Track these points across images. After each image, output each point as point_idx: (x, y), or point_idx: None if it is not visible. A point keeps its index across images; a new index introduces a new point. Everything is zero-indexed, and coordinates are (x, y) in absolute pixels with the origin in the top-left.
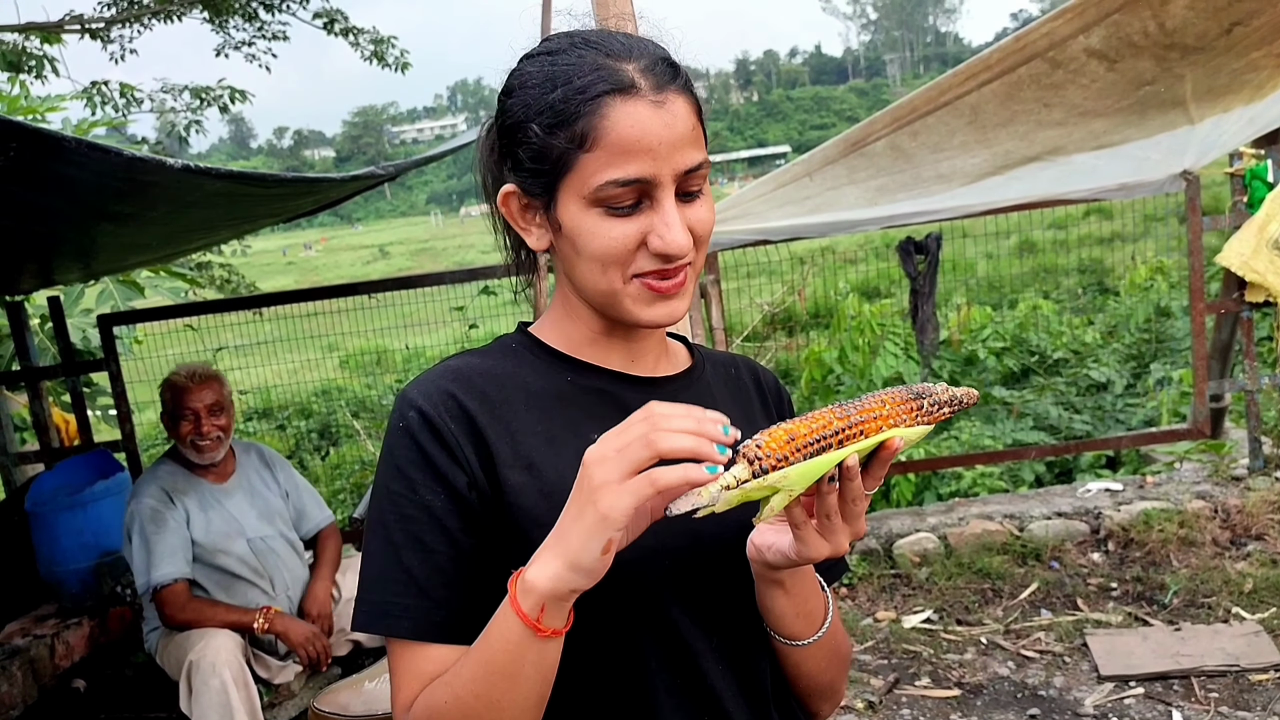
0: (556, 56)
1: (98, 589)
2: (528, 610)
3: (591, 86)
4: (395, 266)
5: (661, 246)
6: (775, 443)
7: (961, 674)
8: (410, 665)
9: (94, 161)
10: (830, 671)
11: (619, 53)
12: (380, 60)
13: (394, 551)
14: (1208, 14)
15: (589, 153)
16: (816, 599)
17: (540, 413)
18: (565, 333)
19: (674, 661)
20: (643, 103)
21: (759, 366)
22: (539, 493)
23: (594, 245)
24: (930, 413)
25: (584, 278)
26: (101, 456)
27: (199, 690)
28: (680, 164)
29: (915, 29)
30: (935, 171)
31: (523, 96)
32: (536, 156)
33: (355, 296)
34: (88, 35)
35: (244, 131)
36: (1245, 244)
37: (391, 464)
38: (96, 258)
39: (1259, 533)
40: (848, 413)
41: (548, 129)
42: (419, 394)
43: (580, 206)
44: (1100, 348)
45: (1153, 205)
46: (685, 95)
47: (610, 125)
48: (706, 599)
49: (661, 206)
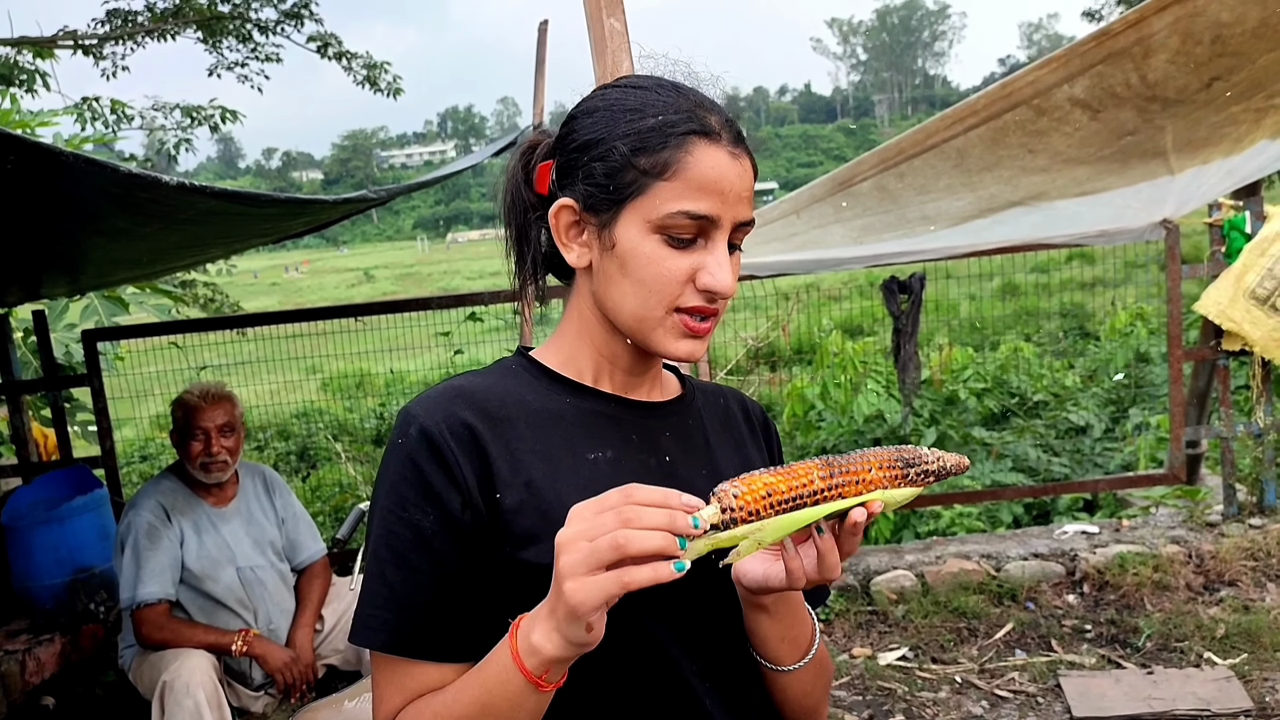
0: (645, 91)
1: (71, 606)
2: (531, 669)
3: (682, 123)
4: (380, 290)
5: (711, 283)
6: (752, 495)
7: (935, 712)
8: (392, 678)
9: (91, 176)
10: (815, 695)
11: (705, 103)
12: (373, 85)
13: (380, 566)
14: (1189, 68)
15: (667, 182)
16: (803, 625)
17: (539, 432)
18: (567, 356)
19: (663, 684)
20: (723, 150)
21: (746, 398)
22: (536, 511)
23: (647, 270)
24: (915, 481)
25: (622, 299)
26: (80, 473)
27: (171, 711)
28: (740, 214)
29: (904, 71)
30: (920, 212)
31: (608, 117)
32: (612, 173)
33: (339, 319)
34: (80, 51)
35: (232, 151)
36: (1223, 293)
37: (387, 481)
38: (85, 272)
39: (1232, 579)
40: (832, 473)
41: (633, 150)
42: (421, 410)
43: (642, 230)
44: (1080, 391)
45: (1134, 252)
46: (750, 157)
47: (693, 161)
48: (694, 622)
49: (716, 247)
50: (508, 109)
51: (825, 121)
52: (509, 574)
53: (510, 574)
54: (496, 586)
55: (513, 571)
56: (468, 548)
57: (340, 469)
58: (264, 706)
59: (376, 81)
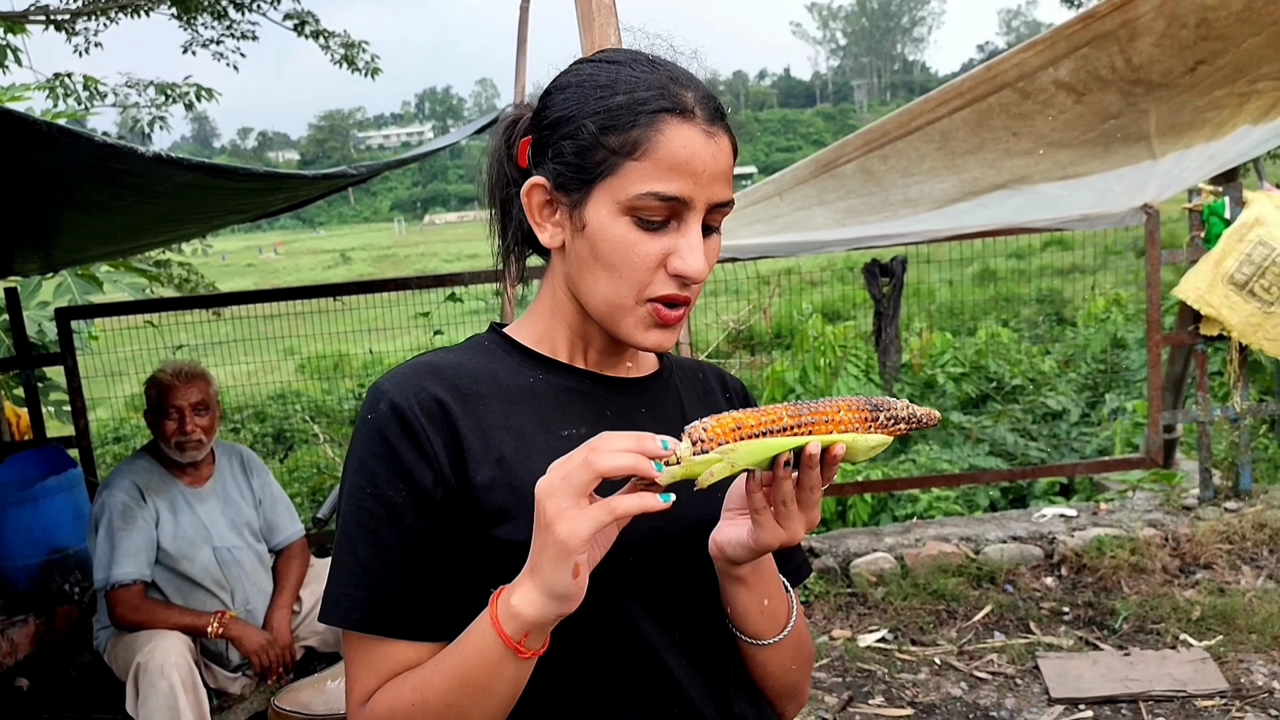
0: (619, 67)
1: (45, 586)
2: (511, 634)
3: (653, 100)
4: (357, 272)
5: (682, 268)
6: (721, 427)
7: (915, 694)
8: (366, 657)
9: (65, 146)
10: (795, 672)
11: (680, 79)
12: (351, 64)
13: (350, 543)
14: (1173, 52)
15: (636, 161)
16: (780, 598)
17: (511, 408)
18: (542, 333)
19: (634, 656)
20: (697, 129)
21: (726, 373)
22: (508, 487)
23: (617, 254)
24: (885, 425)
25: (593, 284)
26: (54, 452)
27: (146, 693)
28: (715, 195)
29: (883, 56)
30: (904, 195)
31: (578, 94)
32: (581, 152)
33: (316, 300)
34: (53, 26)
35: (207, 130)
36: (1201, 278)
37: (356, 456)
38: (58, 248)
39: (1207, 561)
40: (799, 411)
41: (602, 129)
42: (391, 386)
43: (612, 211)
44: (1057, 376)
45: (1111, 238)
46: (729, 135)
47: (664, 140)
48: (668, 594)
49: (689, 230)
50: (486, 90)
51: (804, 106)
52: (482, 551)
53: (483, 551)
54: (470, 564)
55: (486, 549)
56: (440, 523)
57: (317, 450)
58: (241, 688)
59: (354, 61)
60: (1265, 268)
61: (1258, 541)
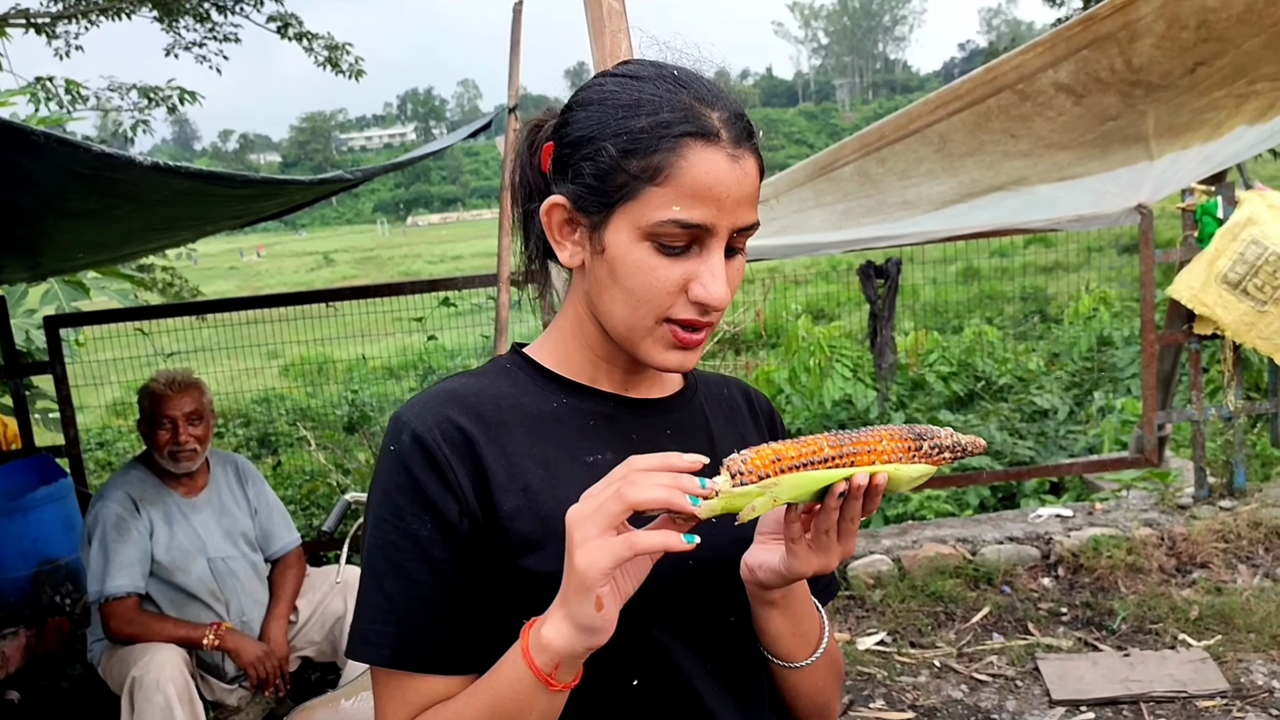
0: (643, 84)
1: (36, 598)
2: (542, 666)
3: (677, 124)
4: (340, 274)
5: (704, 296)
6: (761, 460)
7: (915, 697)
8: (396, 693)
9: (60, 155)
10: (826, 693)
11: (706, 99)
12: (335, 67)
13: (377, 579)
14: (1173, 53)
15: (658, 187)
16: (812, 620)
17: (535, 435)
18: (564, 354)
19: (666, 685)
20: (721, 153)
21: (751, 388)
22: (535, 517)
23: (636, 279)
24: (929, 455)
25: (611, 307)
26: (43, 462)
27: (141, 708)
28: (739, 220)
29: (865, 55)
30: (901, 197)
31: (600, 113)
32: (601, 175)
33: (304, 305)
34: (33, 30)
35: (188, 133)
36: (1195, 277)
37: (380, 489)
38: (47, 256)
39: (1204, 561)
40: (840, 441)
41: (623, 152)
42: (413, 416)
43: (632, 236)
44: (1044, 375)
45: (1093, 237)
46: (756, 156)
47: (687, 166)
48: (701, 622)
49: (711, 257)
50: (468, 92)
51: (787, 105)
52: (510, 583)
53: (511, 583)
54: (498, 595)
55: (513, 580)
56: (467, 555)
57: (304, 455)
58: (238, 700)
59: (338, 63)
60: (1258, 267)
61: (1253, 540)
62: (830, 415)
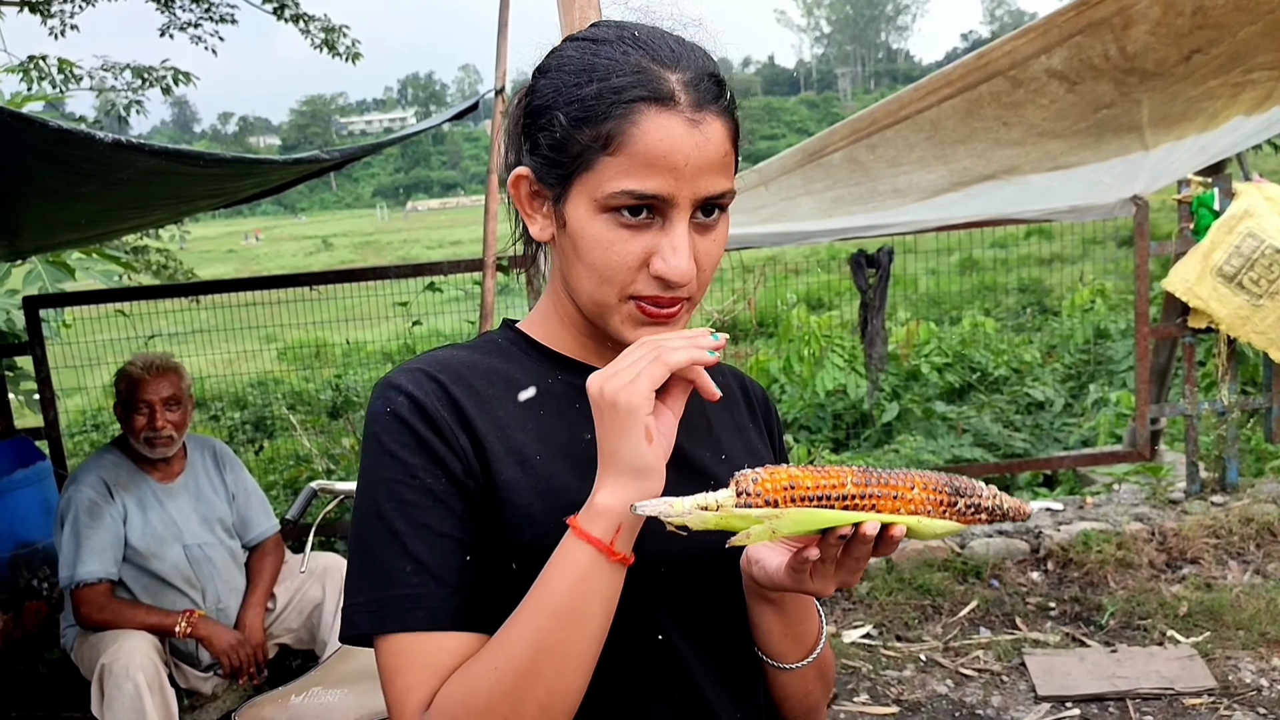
0: (600, 47)
1: (13, 581)
2: (601, 534)
3: (628, 89)
4: (338, 259)
5: (664, 270)
6: (773, 483)
7: (900, 691)
8: (423, 660)
9: (20, 133)
10: (815, 695)
11: (665, 59)
12: (331, 49)
13: (397, 540)
14: (1169, 40)
15: (611, 156)
16: (809, 623)
17: (529, 409)
18: (553, 330)
19: (666, 671)
20: (677, 118)
21: (746, 377)
22: (532, 489)
23: (595, 254)
24: (963, 513)
25: (578, 282)
26: (22, 444)
27: (111, 695)
28: (702, 189)
29: (867, 44)
30: (892, 185)
31: (556, 80)
32: (556, 146)
33: (297, 288)
34: (27, 8)
35: (187, 115)
36: (1190, 270)
37: (382, 451)
38: (23, 236)
39: (1194, 556)
40: (867, 479)
41: (574, 122)
42: (406, 380)
43: (590, 209)
44: (1040, 367)
45: (1092, 229)
46: (724, 118)
47: (639, 134)
48: (700, 610)
49: (672, 229)
50: (469, 76)
51: (788, 94)
52: (506, 555)
53: (507, 555)
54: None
55: (509, 553)
56: (479, 512)
57: (296, 440)
58: (213, 687)
59: (335, 45)
60: (1254, 260)
61: (1244, 536)
62: (824, 405)
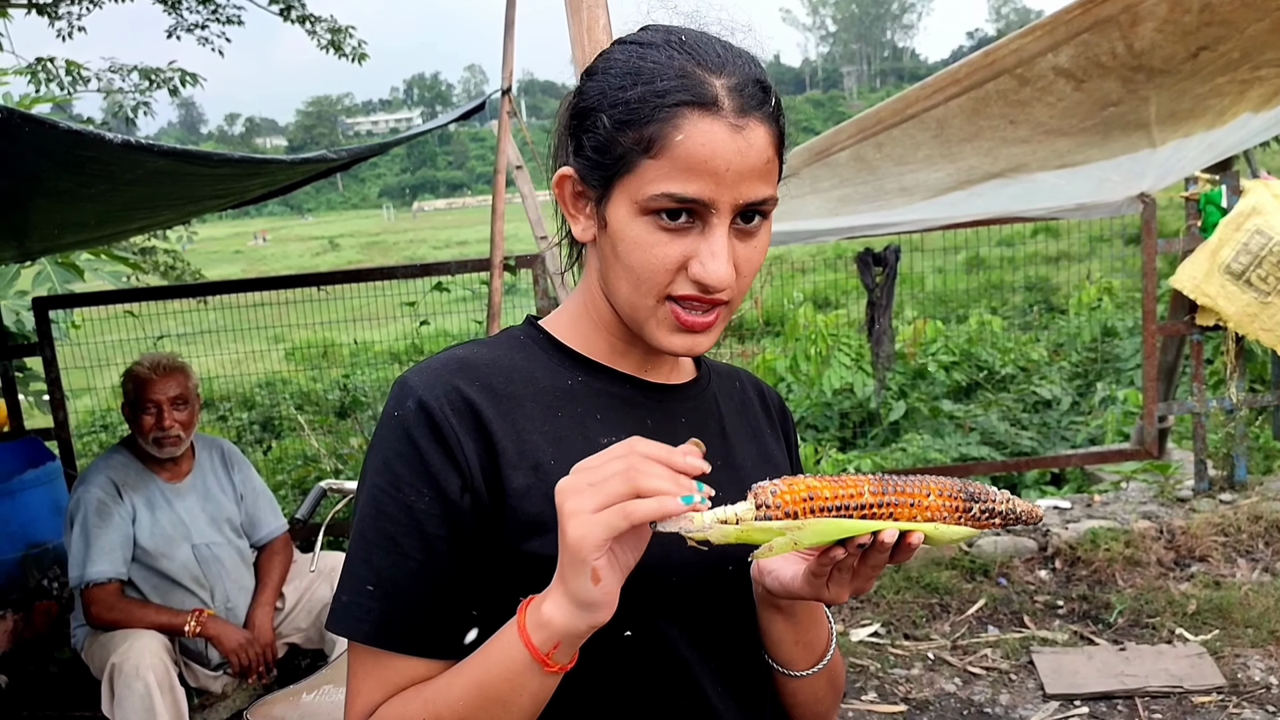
0: (646, 50)
1: (23, 581)
2: (539, 644)
3: (672, 93)
4: (345, 259)
5: (701, 275)
6: (792, 495)
7: (908, 689)
8: (374, 670)
9: (30, 134)
10: (825, 703)
11: (710, 64)
12: (337, 50)
13: (366, 549)
14: (1176, 37)
15: (653, 159)
16: (818, 630)
17: (548, 411)
18: (581, 331)
19: (671, 680)
20: (720, 123)
21: (763, 383)
22: (544, 497)
23: (634, 256)
24: (977, 519)
25: (616, 284)
26: (32, 444)
27: (121, 694)
28: (743, 196)
29: (873, 43)
30: (898, 184)
31: (602, 83)
32: (600, 148)
33: (304, 288)
34: (35, 10)
35: (194, 116)
36: (1198, 268)
37: (379, 456)
38: (32, 236)
39: (1202, 554)
40: (884, 488)
41: (617, 124)
42: (420, 383)
43: (630, 211)
44: (1047, 365)
45: (1099, 226)
46: (768, 125)
47: (681, 138)
48: (708, 619)
49: (712, 234)
50: (475, 76)
51: (794, 93)
52: (510, 567)
53: (511, 567)
54: (496, 578)
55: (514, 564)
56: (464, 535)
57: (304, 440)
58: (223, 686)
59: (341, 46)
60: (1262, 257)
61: (1253, 534)
62: (831, 404)
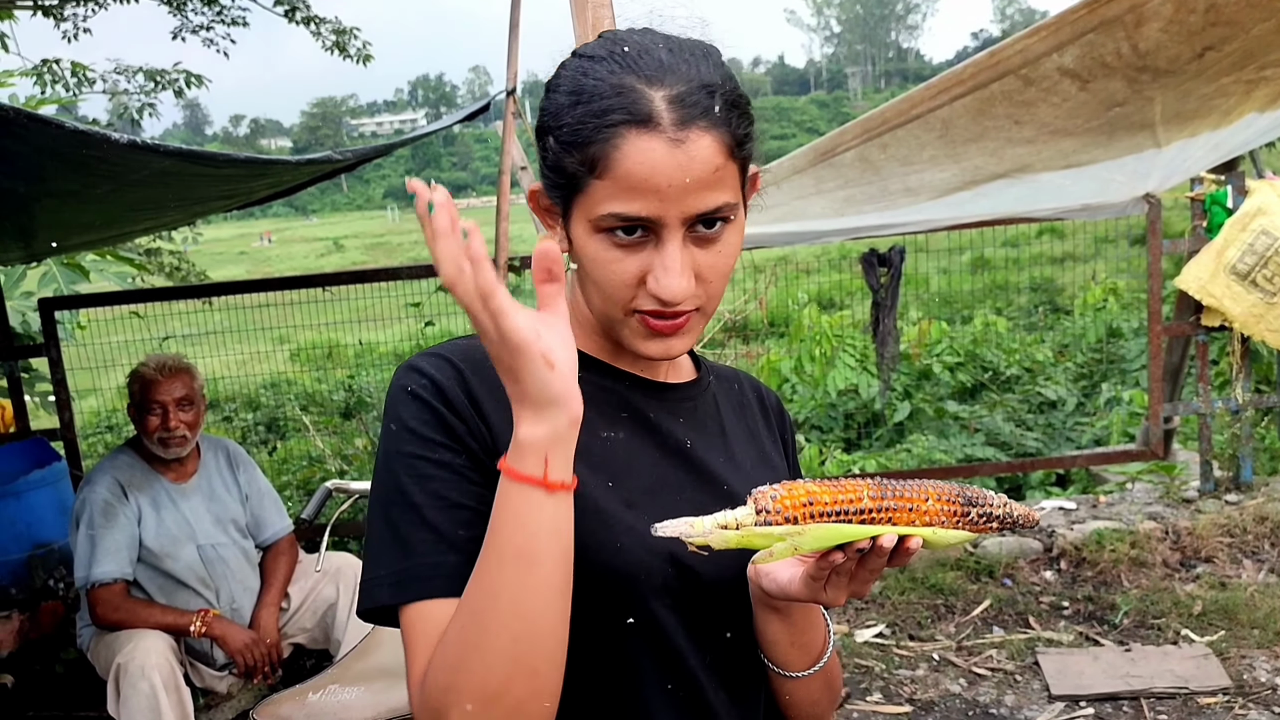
0: (590, 65)
1: (29, 582)
2: (533, 470)
3: (609, 113)
4: (349, 260)
5: (656, 290)
6: (792, 500)
7: (913, 690)
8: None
9: (35, 134)
10: (821, 705)
11: (651, 74)
12: (342, 51)
13: (416, 514)
14: (1181, 38)
15: (599, 180)
16: (815, 631)
17: None
18: (577, 329)
19: (669, 672)
20: (659, 139)
21: (761, 384)
22: None
23: (597, 272)
24: (975, 523)
25: (589, 295)
26: (38, 445)
27: (127, 694)
28: (691, 208)
29: (878, 44)
30: (903, 184)
31: (552, 101)
32: (554, 169)
33: (308, 289)
34: (40, 12)
35: (199, 117)
36: (1203, 268)
37: (402, 428)
38: (38, 237)
39: (1208, 555)
40: (883, 493)
41: (564, 146)
42: (428, 364)
43: (586, 229)
44: (1052, 366)
45: (1104, 227)
46: (714, 132)
47: (620, 158)
48: (706, 613)
49: (665, 249)
50: (479, 77)
51: (798, 94)
52: None
53: None
54: None
55: None
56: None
57: (308, 441)
58: (228, 686)
59: (346, 47)
60: (1268, 257)
61: (1259, 535)
62: (836, 405)
